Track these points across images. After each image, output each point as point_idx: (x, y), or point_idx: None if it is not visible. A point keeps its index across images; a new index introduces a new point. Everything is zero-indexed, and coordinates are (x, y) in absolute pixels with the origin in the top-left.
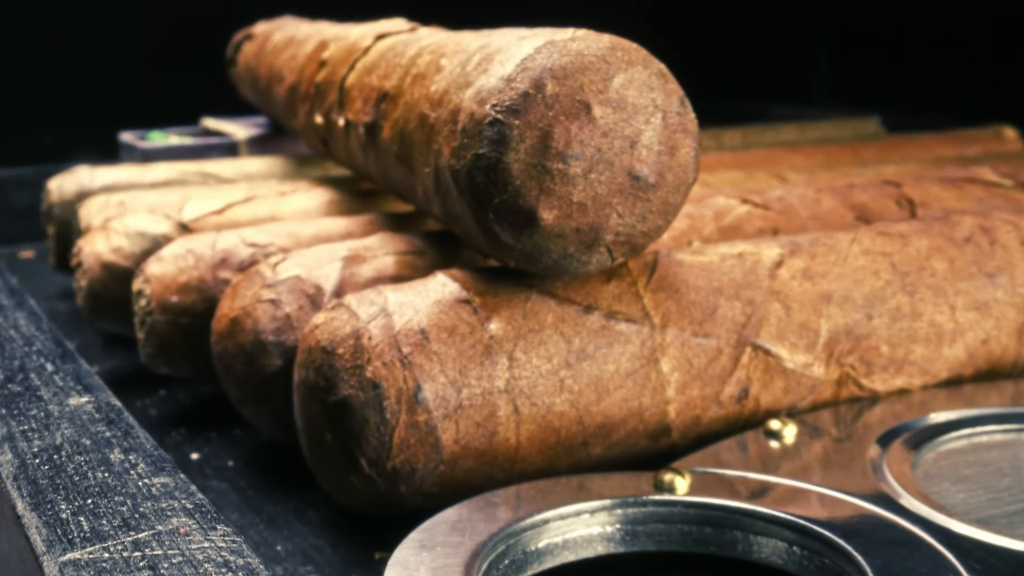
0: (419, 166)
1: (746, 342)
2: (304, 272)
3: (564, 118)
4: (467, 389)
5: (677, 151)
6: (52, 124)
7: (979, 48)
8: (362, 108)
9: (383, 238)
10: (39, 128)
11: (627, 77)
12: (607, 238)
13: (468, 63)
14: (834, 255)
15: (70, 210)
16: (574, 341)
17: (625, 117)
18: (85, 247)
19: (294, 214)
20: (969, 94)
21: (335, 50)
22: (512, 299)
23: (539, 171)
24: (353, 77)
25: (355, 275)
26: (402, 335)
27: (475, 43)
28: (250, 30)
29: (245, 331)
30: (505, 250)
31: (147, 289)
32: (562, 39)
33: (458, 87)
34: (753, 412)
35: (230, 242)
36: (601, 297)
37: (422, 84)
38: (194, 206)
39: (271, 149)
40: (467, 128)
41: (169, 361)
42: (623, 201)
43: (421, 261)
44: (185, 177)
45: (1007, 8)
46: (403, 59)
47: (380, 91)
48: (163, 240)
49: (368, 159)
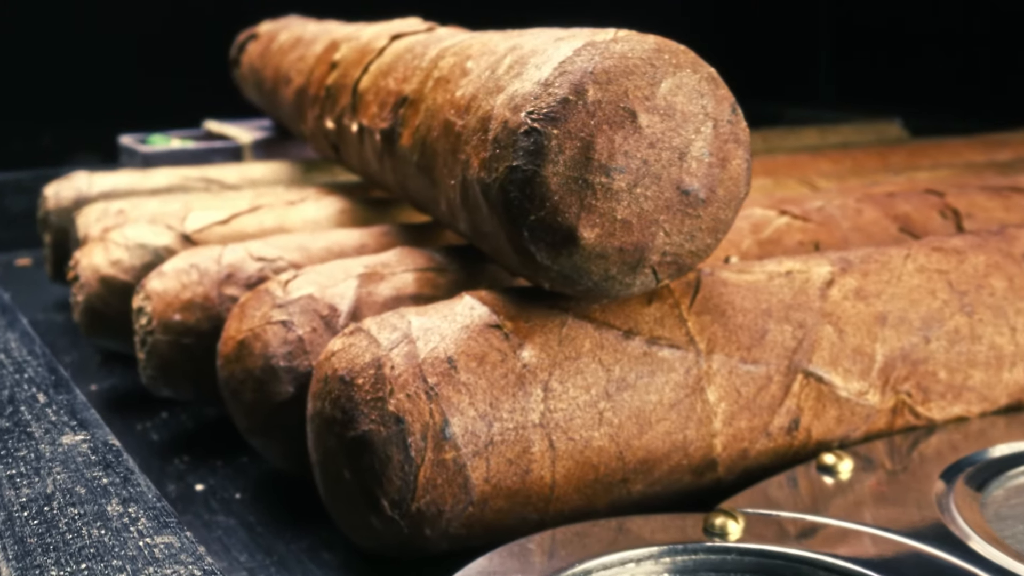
0: (443, 177)
1: (797, 369)
2: (317, 291)
3: (607, 127)
4: (499, 423)
5: (728, 163)
6: (50, 126)
7: (983, 48)
8: (378, 113)
9: (401, 253)
10: (37, 130)
11: (675, 82)
12: (653, 258)
13: (498, 66)
14: (887, 273)
15: (67, 218)
16: (614, 369)
17: (673, 126)
18: (82, 260)
19: (303, 225)
20: (973, 94)
21: (347, 51)
22: (546, 324)
23: (580, 185)
24: (367, 80)
25: (372, 294)
26: (427, 364)
27: (504, 44)
28: (255, 30)
29: (254, 355)
30: (540, 271)
31: (148, 307)
32: (603, 40)
33: (488, 92)
34: (804, 444)
35: (237, 256)
36: (642, 321)
37: (446, 88)
38: (197, 216)
39: (276, 153)
40: (499, 138)
41: (171, 383)
42: (671, 218)
43: (443, 279)
44: (187, 183)
45: (1008, 8)
46: (423, 61)
47: (398, 95)
48: (165, 253)
49: (384, 168)
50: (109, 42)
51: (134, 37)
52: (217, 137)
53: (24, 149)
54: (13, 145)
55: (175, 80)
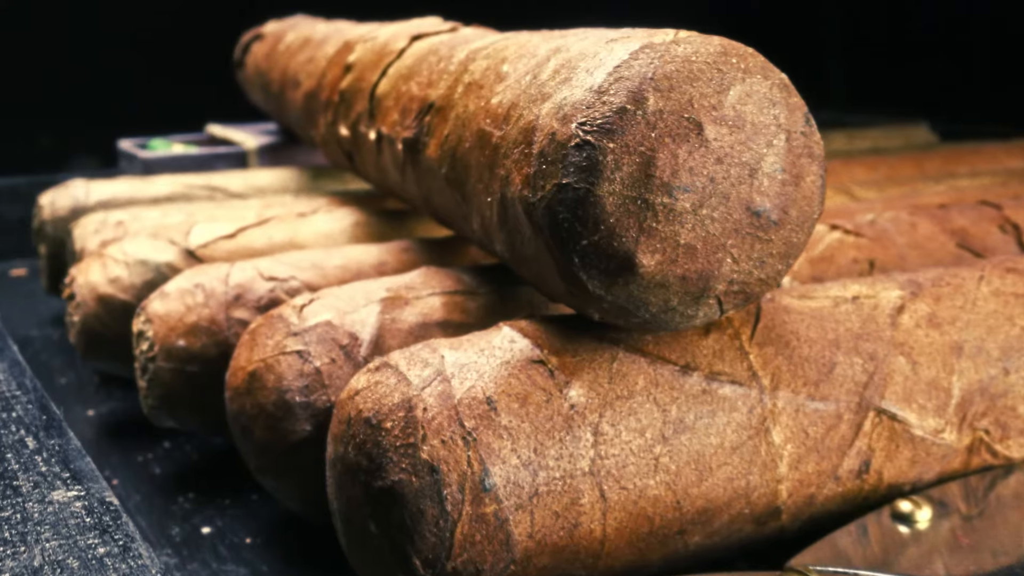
0: (477, 193)
1: (869, 405)
2: (336, 317)
3: (670, 140)
4: (544, 472)
5: (802, 180)
6: (48, 129)
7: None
8: (399, 121)
9: (426, 274)
10: (34, 134)
11: (744, 89)
12: (718, 288)
13: (541, 70)
14: (961, 297)
15: (63, 229)
16: (670, 409)
17: (743, 139)
18: (78, 277)
19: (315, 239)
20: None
21: (363, 52)
22: (595, 358)
23: (639, 206)
24: (386, 84)
25: (396, 321)
26: (464, 405)
27: (545, 46)
28: (260, 30)
29: (266, 388)
30: (591, 302)
31: (149, 331)
32: (663, 42)
33: (530, 100)
34: (874, 488)
35: (245, 275)
36: (700, 354)
37: (478, 95)
38: (202, 230)
39: (283, 159)
40: (546, 152)
41: (175, 414)
42: (739, 242)
43: (473, 303)
44: (190, 191)
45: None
46: (450, 64)
47: (423, 101)
48: (167, 270)
49: (406, 180)
50: (109, 42)
51: (134, 37)
52: (220, 142)
53: (20, 153)
54: (8, 148)
55: (177, 82)
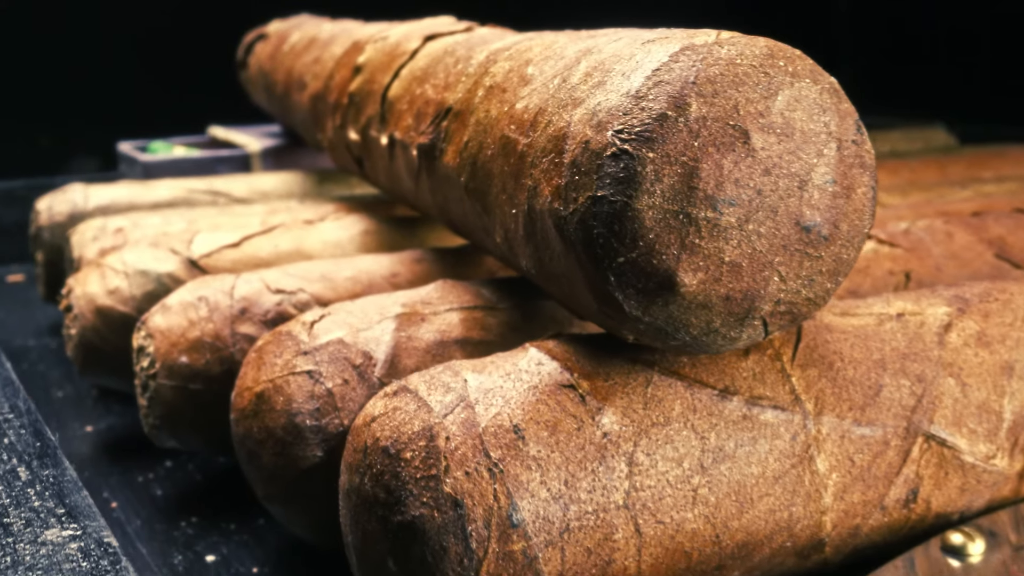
0: (500, 204)
1: (917, 430)
2: (348, 335)
3: (714, 149)
4: (576, 506)
5: (853, 192)
6: (46, 131)
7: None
8: (414, 125)
9: (443, 288)
10: (32, 135)
11: (793, 94)
12: (764, 308)
13: (571, 73)
14: (1010, 313)
15: (61, 235)
16: (709, 437)
17: (792, 148)
18: (76, 288)
19: (323, 248)
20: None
21: (373, 53)
22: (628, 382)
23: (681, 221)
24: (398, 86)
25: (412, 339)
26: (490, 434)
27: (573, 47)
28: (263, 29)
29: (275, 411)
30: (627, 323)
31: (150, 346)
32: (705, 42)
33: (560, 105)
34: (921, 518)
35: (252, 288)
36: (739, 377)
37: (501, 99)
38: (205, 239)
39: (287, 163)
40: (579, 161)
41: (177, 434)
42: (787, 260)
43: (493, 319)
44: (192, 196)
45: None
46: (468, 66)
47: (440, 105)
48: (168, 281)
49: (420, 188)
50: (108, 42)
51: (134, 36)
52: (223, 144)
53: (18, 154)
54: (6, 150)
55: (178, 83)
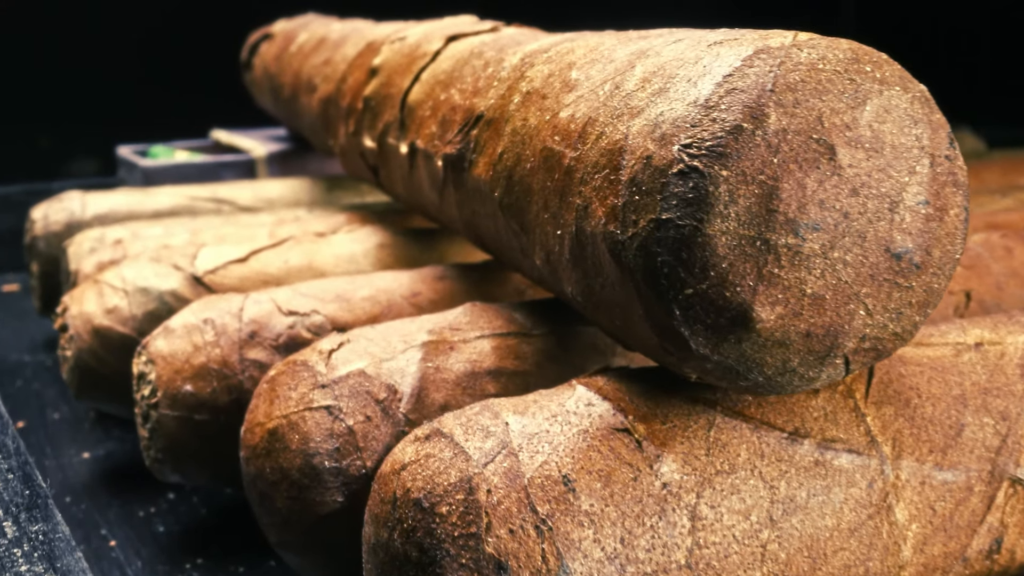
0: (541, 224)
1: (1002, 474)
2: (371, 366)
3: (796, 167)
4: (633, 566)
5: (946, 214)
6: (44, 133)
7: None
8: (439, 133)
9: (472, 312)
10: (30, 138)
11: (882, 104)
12: (847, 345)
13: (624, 79)
14: None
15: (57, 245)
16: (779, 486)
17: (882, 165)
18: (72, 307)
19: (336, 263)
20: None
21: (390, 55)
22: (689, 425)
23: (758, 248)
24: (419, 91)
25: (441, 370)
26: (536, 486)
27: (623, 49)
28: (268, 29)
29: (290, 451)
30: (691, 360)
31: (152, 373)
32: (782, 45)
33: (614, 114)
34: (1005, 568)
35: (262, 308)
36: (810, 417)
37: (541, 106)
38: (210, 253)
39: (294, 168)
40: (640, 179)
41: (181, 468)
42: (875, 291)
43: (528, 346)
44: (195, 204)
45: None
46: (501, 69)
47: (469, 112)
48: (171, 299)
49: (445, 201)
50: (108, 41)
51: (134, 37)
52: (227, 149)
53: (15, 159)
54: (2, 153)
55: (179, 85)
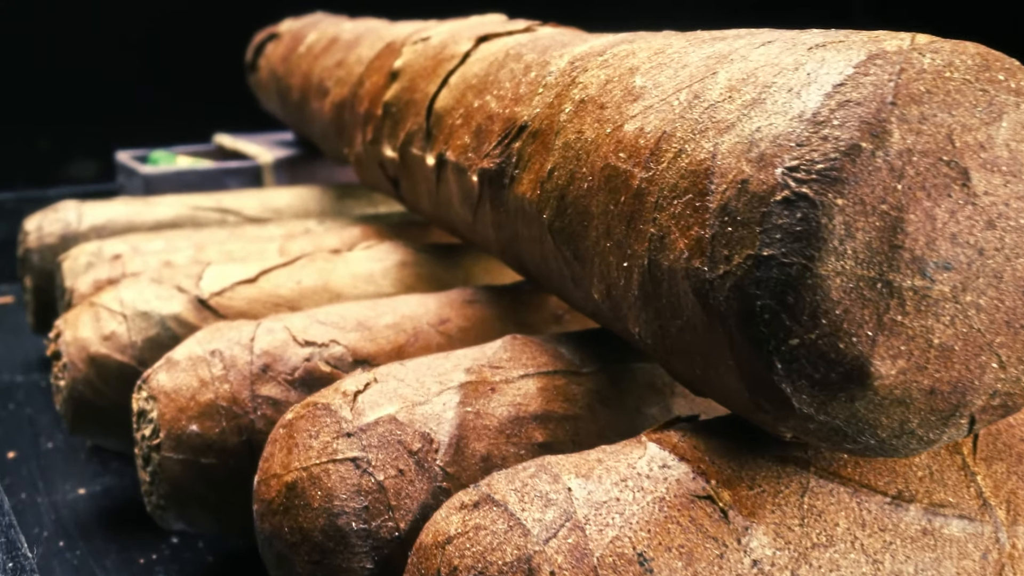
0: (602, 253)
1: None
2: (403, 411)
3: (923, 195)
4: None
5: None
6: (40, 137)
7: None
8: (473, 145)
9: (512, 346)
10: (25, 142)
11: (1019, 119)
12: (976, 403)
13: (705, 87)
14: None
15: (52, 259)
16: (883, 560)
17: (1021, 192)
18: (66, 332)
19: (353, 283)
20: None
21: (413, 57)
22: (780, 489)
23: (879, 292)
24: (448, 96)
25: (481, 415)
26: (608, 566)
27: (697, 52)
28: (274, 28)
29: (312, 509)
30: (791, 420)
31: (153, 411)
32: (900, 48)
33: (695, 129)
34: None
35: (275, 338)
36: (913, 477)
37: (600, 117)
38: (217, 273)
39: (303, 175)
40: (733, 207)
41: (187, 516)
42: (1011, 339)
43: (577, 386)
44: (198, 214)
45: None
46: (545, 74)
47: (509, 122)
48: (174, 324)
49: (480, 220)
50: (106, 42)
51: (134, 36)
52: (231, 155)
53: (9, 164)
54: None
55: (181, 87)
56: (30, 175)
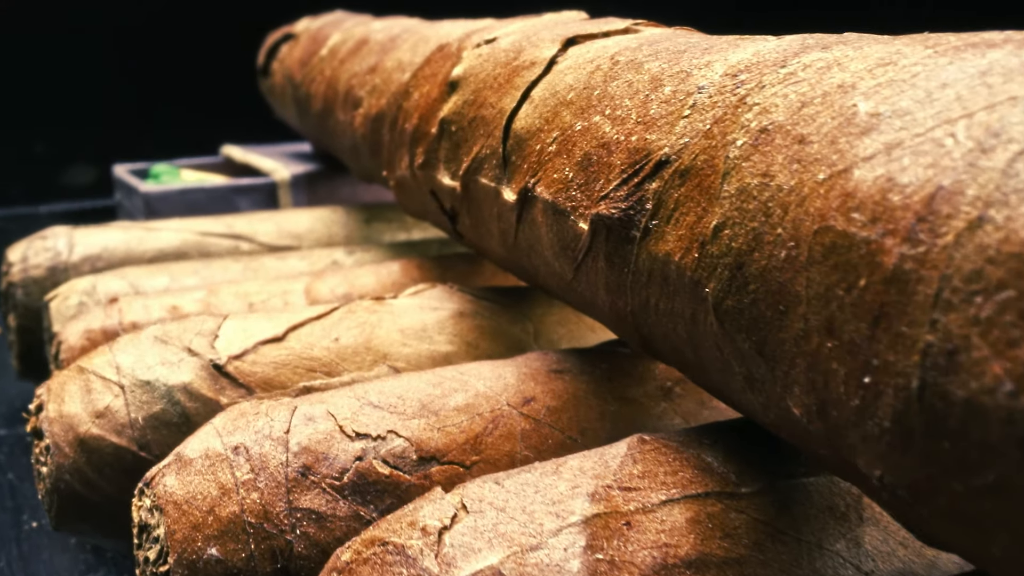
0: (813, 355)
1: None
2: (510, 561)
3: None
4: None
5: None
6: (34, 146)
7: None
8: (579, 180)
9: (643, 453)
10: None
11: None
12: None
13: (1002, 119)
14: None
15: (39, 294)
16: None
17: None
18: (50, 405)
19: (403, 340)
20: None
21: (476, 62)
22: None
23: None
24: (532, 114)
25: (616, 566)
26: None
27: (960, 66)
28: (290, 28)
29: None
30: None
31: (160, 527)
32: None
33: (1005, 186)
34: None
35: (318, 429)
36: None
37: (802, 155)
38: (236, 330)
39: (323, 194)
40: None
41: None
42: None
43: (739, 513)
44: (206, 241)
45: None
46: (689, 90)
47: (639, 153)
48: (183, 398)
49: (585, 279)
50: (105, 43)
51: (134, 37)
52: (241, 169)
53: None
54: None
55: (185, 92)
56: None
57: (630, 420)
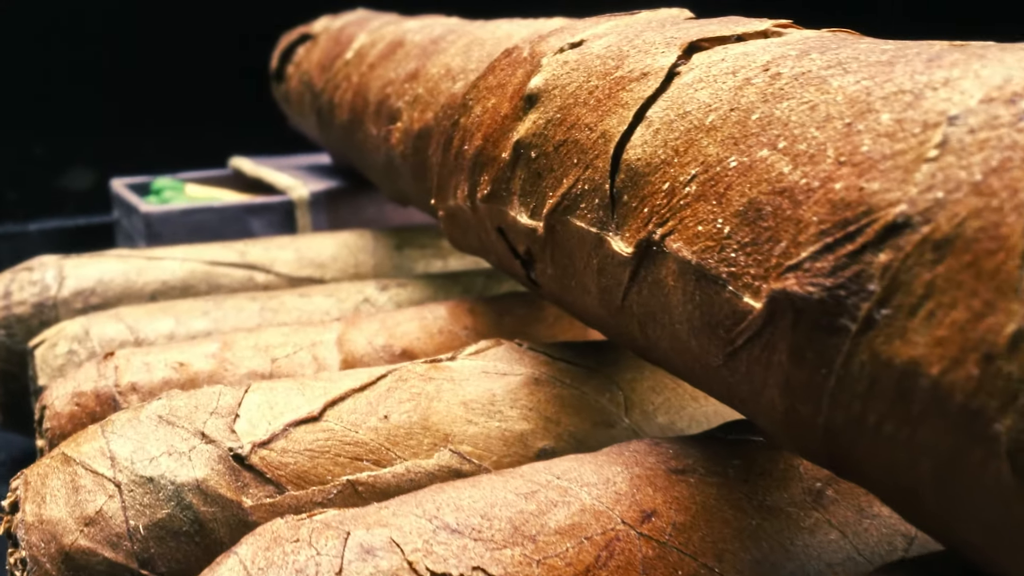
0: None
1: None
2: None
3: None
4: None
5: None
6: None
7: None
8: (743, 237)
9: None
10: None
11: None
12: None
13: None
14: None
15: (24, 335)
16: None
17: None
18: (28, 504)
19: (467, 416)
20: None
21: (562, 71)
22: None
23: None
24: (651, 140)
25: None
26: None
27: None
28: (307, 28)
29: None
30: None
31: None
32: None
33: None
34: None
35: (380, 567)
36: None
37: None
38: (260, 406)
39: (346, 214)
40: None
41: None
42: None
43: None
44: (216, 272)
45: None
46: (922, 121)
47: (850, 209)
48: (196, 500)
49: (748, 374)
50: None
51: (133, 38)
52: (253, 184)
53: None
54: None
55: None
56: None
57: (776, 538)
